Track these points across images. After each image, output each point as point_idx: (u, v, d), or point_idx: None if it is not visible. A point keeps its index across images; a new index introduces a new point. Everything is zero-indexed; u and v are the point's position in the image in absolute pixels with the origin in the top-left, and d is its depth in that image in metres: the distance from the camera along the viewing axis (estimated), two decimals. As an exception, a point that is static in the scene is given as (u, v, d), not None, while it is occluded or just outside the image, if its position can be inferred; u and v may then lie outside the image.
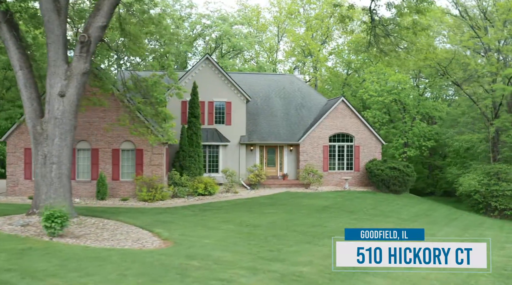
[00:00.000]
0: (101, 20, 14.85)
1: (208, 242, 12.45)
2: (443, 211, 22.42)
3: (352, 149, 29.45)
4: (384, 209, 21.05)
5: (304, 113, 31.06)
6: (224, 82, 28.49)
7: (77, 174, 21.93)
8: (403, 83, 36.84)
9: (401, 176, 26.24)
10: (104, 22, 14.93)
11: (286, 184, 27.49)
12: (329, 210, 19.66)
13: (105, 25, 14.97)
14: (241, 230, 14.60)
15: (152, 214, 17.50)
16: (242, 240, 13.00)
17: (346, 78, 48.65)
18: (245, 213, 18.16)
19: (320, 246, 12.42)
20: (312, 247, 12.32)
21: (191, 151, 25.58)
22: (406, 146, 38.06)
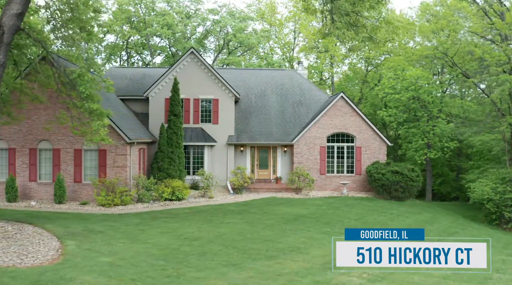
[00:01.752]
0: (16, 7, 13.03)
1: (104, 261, 10.40)
2: (445, 223, 19.21)
3: (353, 150, 26.54)
4: (371, 219, 18.18)
5: (301, 111, 28.43)
6: (210, 78, 26.39)
7: (39, 176, 20.51)
8: (422, 79, 33.29)
9: (404, 180, 23.11)
10: (20, 9, 13.09)
11: (276, 189, 25.01)
12: (302, 221, 17.08)
13: (20, 12, 13.13)
14: (169, 245, 12.44)
15: (92, 221, 15.68)
16: (152, 259, 10.84)
17: (366, 75, 45.32)
18: (198, 223, 15.96)
19: (240, 272, 10.03)
20: (229, 272, 9.96)
21: (170, 152, 23.65)
22: (429, 147, 34.48)
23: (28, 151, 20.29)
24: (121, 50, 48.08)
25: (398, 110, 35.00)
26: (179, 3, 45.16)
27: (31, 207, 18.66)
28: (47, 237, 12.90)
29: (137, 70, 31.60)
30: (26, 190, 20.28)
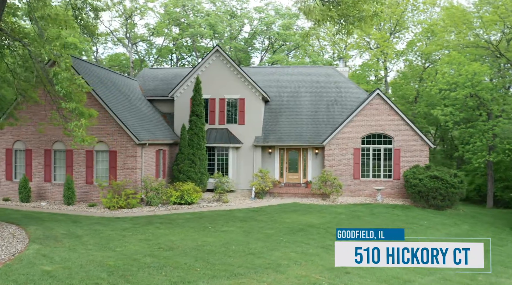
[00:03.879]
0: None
1: (44, 269, 9.53)
2: (482, 238, 16.17)
3: (391, 152, 23.90)
4: (393, 232, 15.79)
5: (336, 111, 26.24)
6: (236, 76, 25.17)
7: (54, 176, 20.56)
8: (479, 75, 29.52)
9: (443, 187, 20.19)
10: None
11: (303, 194, 23.14)
12: (308, 231, 15.21)
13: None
14: (134, 255, 11.32)
15: (82, 224, 15.08)
16: (99, 270, 9.77)
17: (422, 72, 41.57)
18: (189, 231, 14.74)
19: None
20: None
21: (190, 154, 22.79)
22: (491, 149, 30.56)
23: (43, 152, 20.42)
24: (171, 53, 48.61)
25: (454, 109, 31.39)
26: (225, 2, 44.56)
27: (40, 207, 18.63)
28: (18, 239, 12.40)
29: (169, 71, 31.29)
30: (41, 190, 20.40)
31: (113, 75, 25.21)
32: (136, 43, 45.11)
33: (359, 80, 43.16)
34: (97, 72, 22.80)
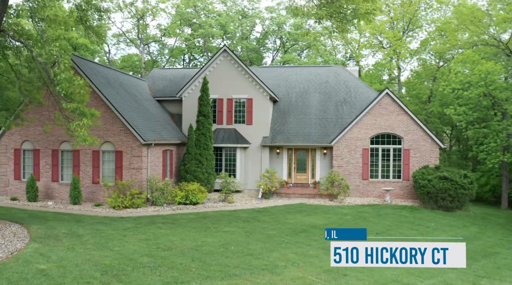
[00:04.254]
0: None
1: (38, 268, 9.56)
2: (491, 240, 15.60)
3: (400, 152, 23.48)
4: (397, 234, 15.45)
5: (345, 111, 25.92)
6: (244, 76, 25.07)
7: (61, 176, 20.76)
8: (493, 74, 28.84)
9: (452, 188, 19.73)
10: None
11: (310, 194, 22.90)
12: (310, 233, 15.00)
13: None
14: (131, 255, 11.29)
15: (84, 223, 15.16)
16: (94, 269, 9.76)
17: (436, 71, 40.84)
18: (190, 231, 14.68)
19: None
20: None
21: (197, 154, 22.78)
22: (505, 149, 29.83)
23: (51, 152, 20.63)
24: (183, 53, 48.78)
25: (467, 108, 30.74)
26: (236, 2, 44.52)
27: (46, 207, 18.82)
28: (19, 238, 12.50)
29: (178, 71, 31.37)
30: (49, 190, 20.62)
31: (121, 75, 25.37)
32: (148, 43, 45.42)
33: (372, 80, 42.60)
34: (105, 73, 22.96)
